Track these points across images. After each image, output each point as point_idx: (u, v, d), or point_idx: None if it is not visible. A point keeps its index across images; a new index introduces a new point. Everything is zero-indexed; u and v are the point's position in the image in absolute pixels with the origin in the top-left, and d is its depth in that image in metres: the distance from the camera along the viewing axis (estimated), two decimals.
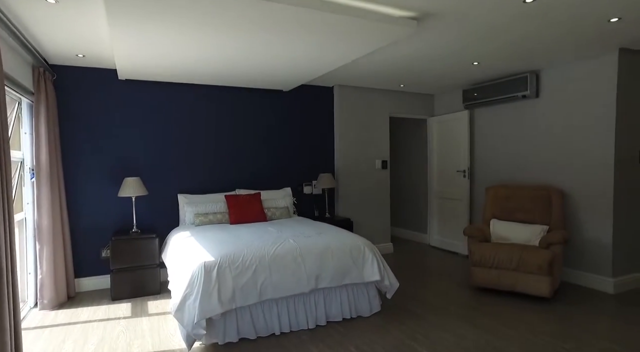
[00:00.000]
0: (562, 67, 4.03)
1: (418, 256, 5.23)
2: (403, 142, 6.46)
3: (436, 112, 5.76)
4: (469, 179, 5.12)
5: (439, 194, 5.64)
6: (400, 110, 5.52)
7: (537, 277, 3.32)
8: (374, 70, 4.30)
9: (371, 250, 3.15)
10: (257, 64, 3.58)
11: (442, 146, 5.56)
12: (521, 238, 3.79)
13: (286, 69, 3.78)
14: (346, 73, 4.44)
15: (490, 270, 3.54)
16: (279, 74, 3.97)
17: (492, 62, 3.93)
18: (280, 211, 4.31)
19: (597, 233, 3.77)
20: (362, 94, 5.20)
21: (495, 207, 4.16)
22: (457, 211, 5.30)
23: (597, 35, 3.18)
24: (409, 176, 6.33)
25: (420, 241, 6.12)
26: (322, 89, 5.10)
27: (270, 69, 3.75)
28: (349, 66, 4.13)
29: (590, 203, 3.81)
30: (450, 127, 5.37)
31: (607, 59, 3.66)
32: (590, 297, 3.53)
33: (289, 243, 2.98)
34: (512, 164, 4.60)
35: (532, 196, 3.95)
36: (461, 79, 4.72)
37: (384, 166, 5.38)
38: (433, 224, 5.77)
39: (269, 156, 4.80)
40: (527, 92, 4.17)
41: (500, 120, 4.73)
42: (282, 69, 3.76)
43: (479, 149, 5.07)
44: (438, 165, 5.65)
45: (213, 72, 3.87)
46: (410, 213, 6.35)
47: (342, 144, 5.08)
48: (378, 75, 4.53)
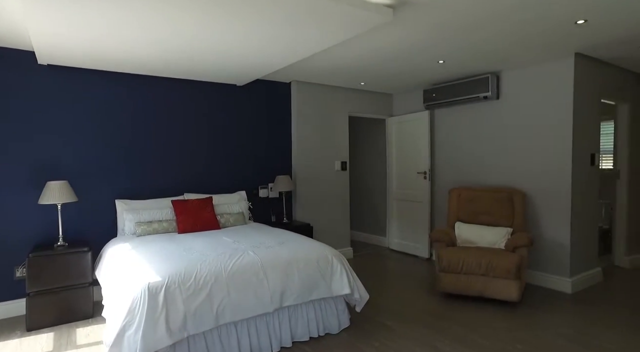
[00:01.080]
0: (522, 69, 4.05)
1: (379, 261, 5.06)
2: (362, 143, 6.29)
3: (395, 112, 5.64)
4: (429, 181, 5.04)
5: (398, 196, 5.52)
6: (360, 110, 5.33)
7: (506, 282, 3.24)
8: (335, 66, 4.05)
9: (340, 260, 2.87)
10: (205, 53, 3.17)
11: (401, 147, 5.45)
12: (486, 241, 3.73)
13: (239, 60, 3.40)
14: (305, 68, 4.14)
15: (459, 275, 3.43)
16: (232, 65, 3.57)
17: (457, 61, 3.83)
18: (235, 217, 3.90)
19: (556, 234, 3.81)
20: (321, 92, 4.93)
21: (460, 210, 4.09)
22: (417, 214, 5.21)
23: (558, 37, 3.16)
24: (368, 177, 6.17)
25: (379, 244, 5.98)
26: (279, 85, 4.75)
27: (221, 59, 3.35)
28: (308, 61, 3.84)
29: (550, 204, 3.85)
30: (410, 127, 5.28)
31: (564, 63, 3.71)
32: (552, 299, 3.53)
33: (249, 256, 2.62)
34: (473, 165, 4.58)
35: (495, 198, 3.92)
36: (423, 78, 4.62)
37: (343, 168, 5.15)
38: (392, 227, 5.65)
39: (222, 156, 4.37)
40: (489, 93, 4.15)
41: (461, 121, 4.69)
42: (235, 59, 3.38)
43: (439, 150, 5.01)
44: (397, 167, 5.54)
45: (155, 61, 3.38)
46: (368, 216, 6.19)
47: (300, 144, 4.78)
48: (338, 71, 4.28)
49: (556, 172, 3.79)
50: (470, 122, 4.58)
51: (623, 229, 4.59)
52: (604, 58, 3.89)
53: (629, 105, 4.54)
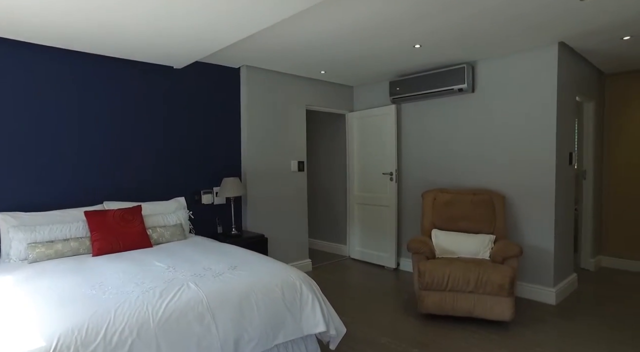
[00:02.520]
0: (501, 59, 3.69)
1: (342, 274, 4.50)
2: (320, 141, 5.70)
3: (356, 106, 5.12)
4: (396, 183, 4.57)
5: (360, 200, 5.00)
6: (319, 103, 4.73)
7: (498, 299, 2.81)
8: (291, 49, 3.42)
9: (310, 288, 2.24)
10: (128, 23, 2.38)
11: (364, 145, 4.94)
12: (468, 251, 3.31)
13: (171, 34, 2.65)
14: (256, 51, 3.46)
15: (444, 293, 2.95)
16: (163, 40, 2.80)
17: (435, 45, 3.37)
18: (172, 230, 3.11)
19: (539, 240, 3.49)
20: (276, 80, 4.26)
21: (436, 216, 3.64)
22: (383, 219, 4.72)
23: (548, 18, 2.80)
24: (326, 179, 5.59)
25: (338, 253, 5.42)
26: (226, 70, 4.00)
27: (149, 30, 2.58)
28: (260, 41, 3.18)
29: (531, 208, 3.52)
30: (374, 123, 4.78)
31: (547, 53, 3.39)
32: (540, 313, 3.18)
33: (190, 290, 1.89)
34: (446, 165, 4.17)
35: (474, 202, 3.51)
36: (391, 67, 4.13)
37: (300, 168, 4.52)
38: (354, 234, 5.12)
39: (155, 155, 3.54)
40: (464, 85, 3.75)
41: (433, 117, 4.27)
42: (165, 32, 2.62)
43: (407, 149, 4.56)
44: (359, 168, 5.02)
45: (60, 26, 2.52)
46: (327, 222, 5.61)
47: (252, 141, 4.07)
48: (296, 56, 3.65)
49: (539, 173, 3.47)
50: (443, 117, 4.17)
51: (589, 231, 4.46)
52: (581, 51, 3.65)
53: (594, 103, 4.41)
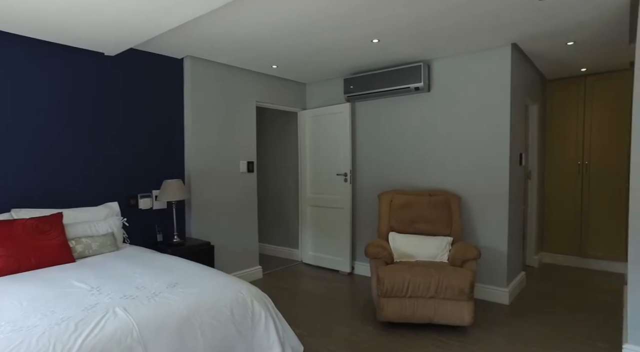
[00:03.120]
0: (456, 58, 3.65)
1: (294, 280, 4.26)
2: (270, 140, 5.41)
3: (309, 104, 4.91)
4: (351, 184, 4.42)
5: (313, 202, 4.80)
6: (270, 100, 4.46)
7: (459, 304, 2.73)
8: (240, 40, 3.13)
9: (264, 304, 1.98)
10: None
11: (317, 145, 4.74)
12: (426, 254, 3.22)
13: (99, 15, 2.27)
14: (201, 40, 3.13)
15: (404, 300, 2.81)
16: (87, 14, 2.40)
17: (393, 41, 3.24)
18: (100, 241, 2.69)
19: (492, 241, 3.50)
20: (224, 74, 3.93)
21: (393, 218, 3.52)
22: (336, 222, 4.55)
23: (507, 19, 2.77)
24: (276, 180, 5.32)
25: (290, 258, 5.18)
26: (167, 61, 3.61)
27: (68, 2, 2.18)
28: (205, 30, 2.87)
29: (486, 208, 3.52)
30: (328, 122, 4.59)
31: (501, 53, 3.40)
32: (496, 315, 3.17)
33: (116, 318, 1.56)
34: (402, 166, 4.08)
35: (431, 203, 3.44)
36: (347, 63, 3.96)
37: (250, 169, 4.22)
38: (307, 238, 4.90)
39: (82, 154, 3.07)
40: (421, 83, 3.68)
41: (389, 116, 4.16)
42: (88, 5, 2.23)
43: (362, 149, 4.42)
44: (312, 168, 4.81)
45: None
46: (278, 225, 5.34)
47: (197, 140, 3.71)
48: (245, 47, 3.36)
49: (493, 173, 3.47)
50: (399, 116, 4.08)
51: (533, 229, 4.61)
52: (530, 54, 3.72)
53: (538, 106, 4.57)
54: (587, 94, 4.56)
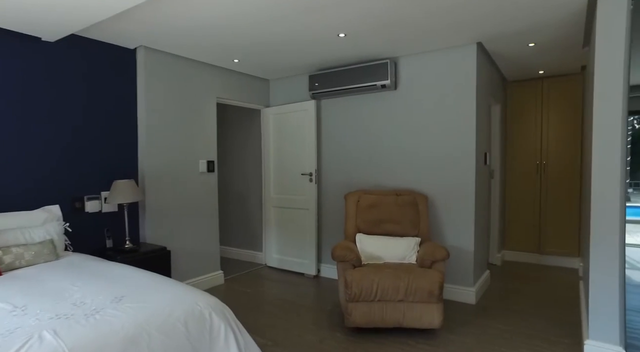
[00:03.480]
0: (422, 55, 3.61)
1: (258, 284, 4.07)
2: (233, 138, 5.18)
3: (273, 101, 4.73)
4: (316, 184, 4.29)
5: (277, 203, 4.62)
6: (232, 96, 4.24)
7: (428, 307, 2.66)
8: (198, 28, 2.91)
9: (223, 316, 1.80)
10: None
11: (281, 144, 4.57)
12: (395, 255, 3.14)
13: None
14: (156, 28, 2.88)
15: (372, 304, 2.71)
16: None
17: (359, 35, 3.14)
18: (36, 249, 2.39)
19: (459, 240, 3.48)
20: (182, 67, 3.67)
21: (360, 219, 3.42)
22: (301, 223, 4.40)
23: (474, 16, 2.75)
24: (240, 180, 5.10)
25: (254, 261, 4.97)
26: (118, 50, 3.31)
27: None
28: (161, 17, 2.63)
29: (452, 207, 3.50)
30: (293, 120, 4.44)
31: (466, 52, 3.39)
32: (464, 316, 3.14)
33: (43, 344, 1.32)
34: (369, 165, 3.99)
35: (399, 203, 3.37)
36: (311, 59, 3.82)
37: (210, 168, 3.98)
38: (271, 241, 4.72)
39: (16, 151, 2.73)
40: (388, 81, 3.60)
41: (355, 113, 4.07)
42: None
43: (328, 148, 4.30)
44: (276, 168, 4.63)
45: None
46: (241, 228, 5.12)
47: (152, 138, 3.43)
48: (204, 38, 3.14)
49: (459, 173, 3.45)
50: (366, 114, 3.99)
51: (496, 228, 4.68)
52: (493, 54, 3.75)
53: (500, 106, 4.65)
54: (544, 96, 4.70)
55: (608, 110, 2.29)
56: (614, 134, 2.28)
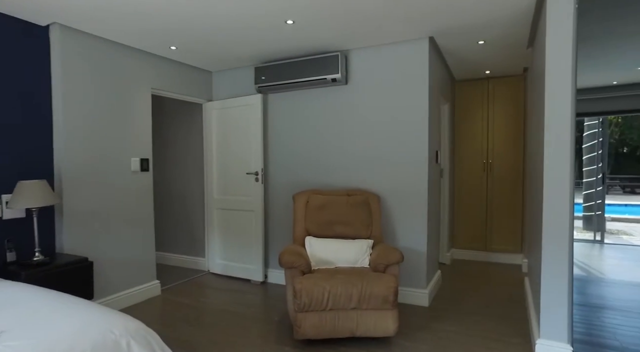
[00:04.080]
0: (374, 49, 3.47)
1: (200, 294, 3.71)
2: (171, 134, 4.74)
3: (216, 95, 4.38)
4: (263, 184, 4.01)
5: (221, 205, 4.28)
6: (169, 88, 3.84)
7: (382, 313, 2.50)
8: (127, 7, 2.54)
9: (146, 345, 1.48)
10: None
11: (225, 141, 4.23)
12: (347, 259, 2.95)
13: None
14: (74, 3, 2.47)
15: (324, 314, 2.50)
16: None
17: (308, 23, 2.92)
18: None
19: (412, 241, 3.38)
20: (109, 52, 3.23)
21: (309, 220, 3.20)
22: (247, 226, 4.10)
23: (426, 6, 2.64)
24: (179, 180, 4.68)
25: (196, 268, 4.58)
26: (24, 26, 2.81)
27: None
28: None
29: (405, 207, 3.39)
30: (237, 115, 4.12)
31: (419, 46, 3.29)
32: (419, 320, 3.03)
33: None
34: (318, 164, 3.79)
35: (351, 204, 3.19)
36: (257, 49, 3.54)
37: (144, 167, 3.57)
38: (214, 245, 4.36)
39: None
40: (338, 75, 3.42)
41: (305, 109, 3.84)
42: None
43: (276, 145, 4.04)
44: (220, 167, 4.29)
45: None
46: (181, 232, 4.70)
47: (72, 131, 2.97)
48: (133, 18, 2.76)
49: (412, 171, 3.35)
50: (315, 110, 3.78)
51: (446, 226, 4.69)
52: (444, 51, 3.70)
53: (449, 105, 4.66)
54: (489, 96, 4.78)
55: (559, 110, 2.26)
56: (564, 134, 2.25)
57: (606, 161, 6.25)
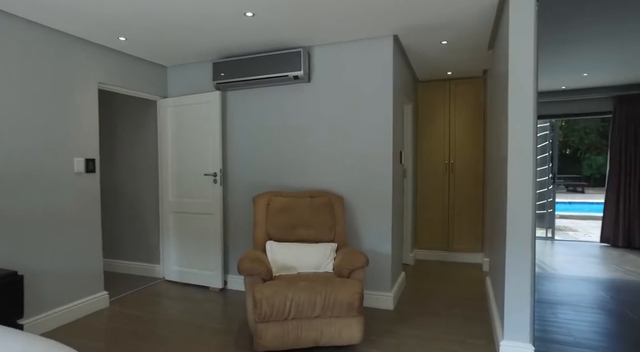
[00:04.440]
0: (338, 46, 3.37)
1: (153, 304, 3.45)
2: (122, 133, 4.41)
3: (171, 92, 4.11)
4: (222, 186, 3.80)
5: (177, 208, 4.03)
6: (118, 82, 3.55)
7: (347, 321, 2.40)
8: None
9: None
10: None
11: (181, 140, 3.98)
12: (310, 264, 2.83)
13: None
14: None
15: (286, 324, 2.36)
16: None
17: (269, 17, 2.77)
18: None
19: (377, 243, 3.31)
20: (43, 40, 2.91)
21: (270, 224, 3.05)
22: (205, 230, 3.88)
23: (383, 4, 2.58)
24: (130, 182, 4.36)
25: (150, 276, 4.29)
26: None
27: None
28: None
29: (370, 208, 3.32)
30: (194, 113, 3.89)
31: (382, 44, 3.23)
32: (384, 324, 2.96)
33: None
34: (281, 164, 3.64)
35: (314, 206, 3.08)
36: (216, 43, 3.35)
37: (89, 168, 3.27)
38: (169, 251, 4.10)
39: None
40: (301, 72, 3.29)
41: (266, 107, 3.68)
42: None
43: (236, 145, 3.84)
44: (175, 168, 4.03)
45: None
46: (133, 237, 4.39)
47: (1, 126, 2.65)
48: (78, 3, 2.49)
49: (377, 172, 3.28)
50: (277, 108, 3.63)
51: (409, 227, 4.70)
52: (408, 51, 3.68)
53: (412, 105, 4.66)
54: (451, 97, 4.84)
55: (522, 112, 2.26)
56: (527, 136, 2.26)
57: (556, 162, 6.54)
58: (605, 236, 5.91)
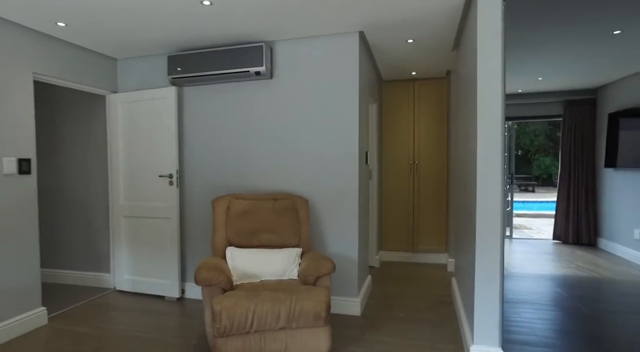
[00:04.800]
0: (302, 42, 3.22)
1: (101, 318, 3.14)
2: (66, 130, 4.02)
3: (122, 86, 3.79)
4: (178, 188, 3.54)
5: (129, 212, 3.72)
6: (58, 74, 3.20)
7: (314, 331, 2.26)
8: None
9: None
10: None
11: (134, 139, 3.68)
12: (274, 271, 2.66)
13: None
14: None
15: (248, 337, 2.18)
16: None
17: (227, 8, 2.57)
18: None
19: (343, 247, 3.19)
20: None
21: (231, 229, 2.84)
22: (161, 235, 3.60)
23: None
24: (77, 184, 3.99)
25: (99, 286, 3.94)
26: None
27: None
28: None
29: (335, 211, 3.19)
30: (148, 110, 3.60)
31: (349, 41, 3.12)
32: (352, 331, 2.84)
33: None
34: (242, 165, 3.43)
35: (276, 209, 2.91)
36: (171, 34, 3.10)
37: (23, 169, 2.91)
38: (121, 258, 3.78)
39: None
40: (262, 67, 3.11)
41: (225, 105, 3.46)
42: None
43: (193, 144, 3.59)
44: (127, 168, 3.72)
45: None
46: (79, 244, 4.01)
47: None
48: None
49: (342, 173, 3.16)
50: (237, 106, 3.42)
51: (375, 229, 4.63)
52: (374, 49, 3.60)
53: (377, 105, 4.60)
54: (415, 97, 4.84)
55: (490, 113, 2.22)
56: (495, 137, 2.22)
57: (513, 163, 6.76)
58: (557, 234, 6.16)
